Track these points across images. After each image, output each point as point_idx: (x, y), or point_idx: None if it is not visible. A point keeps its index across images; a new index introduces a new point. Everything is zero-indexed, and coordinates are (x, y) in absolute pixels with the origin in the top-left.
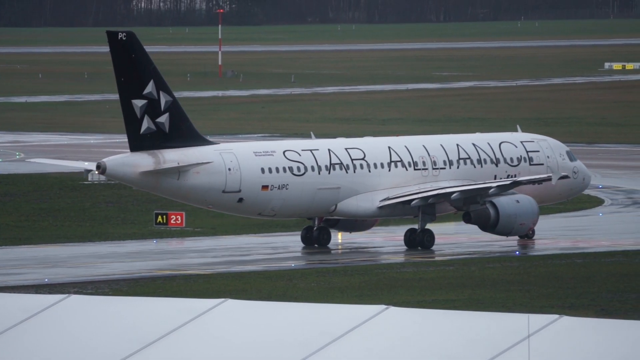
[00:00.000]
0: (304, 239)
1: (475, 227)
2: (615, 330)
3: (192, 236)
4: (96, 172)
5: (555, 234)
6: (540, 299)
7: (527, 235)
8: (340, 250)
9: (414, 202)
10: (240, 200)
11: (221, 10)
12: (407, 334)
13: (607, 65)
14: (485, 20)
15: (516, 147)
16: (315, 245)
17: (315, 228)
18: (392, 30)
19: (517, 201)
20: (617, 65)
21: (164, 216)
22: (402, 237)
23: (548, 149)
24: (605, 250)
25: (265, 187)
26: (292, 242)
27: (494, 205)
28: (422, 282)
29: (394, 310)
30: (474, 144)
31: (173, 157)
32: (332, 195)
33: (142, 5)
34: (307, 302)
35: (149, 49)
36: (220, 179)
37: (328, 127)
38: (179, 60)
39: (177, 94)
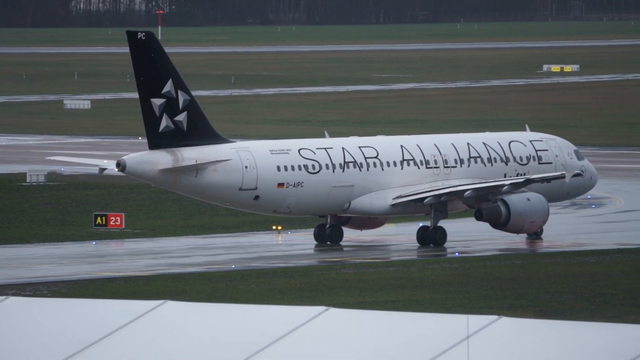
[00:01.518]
0: (316, 237)
1: (411, 228)
2: (553, 331)
3: (132, 238)
4: (116, 170)
5: (494, 236)
6: (479, 300)
7: (535, 233)
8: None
9: (427, 199)
10: (257, 197)
11: (161, 12)
12: (347, 335)
13: (545, 67)
14: (425, 22)
15: (525, 146)
16: (328, 242)
17: (327, 226)
18: (332, 31)
19: (528, 199)
20: (555, 68)
21: (103, 218)
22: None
23: (556, 148)
24: (544, 251)
25: (281, 184)
26: (233, 243)
27: (505, 203)
28: (362, 283)
29: (334, 312)
30: (484, 143)
31: (191, 155)
32: (346, 193)
33: (81, 6)
34: (247, 304)
35: (87, 50)
36: (237, 177)
37: (268, 129)
38: (118, 62)
39: (115, 95)
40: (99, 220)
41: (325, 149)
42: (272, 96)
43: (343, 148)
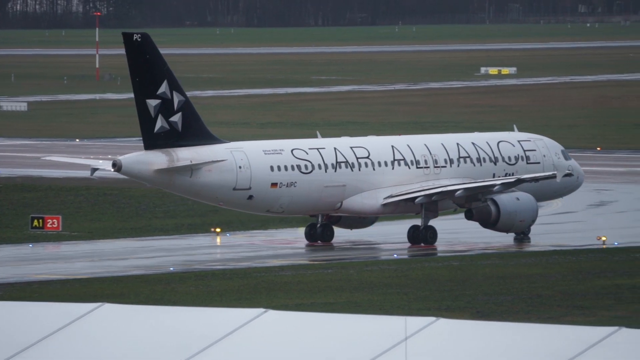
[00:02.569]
0: (307, 236)
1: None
2: (490, 332)
3: (69, 240)
4: (112, 170)
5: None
6: (417, 302)
7: (523, 232)
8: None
9: (418, 199)
10: (250, 197)
11: (98, 13)
12: (286, 337)
13: (483, 69)
14: (364, 24)
15: (514, 146)
16: (319, 241)
17: (318, 225)
18: (271, 34)
19: (517, 199)
20: (492, 70)
21: (40, 220)
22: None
23: (544, 148)
24: (481, 253)
25: (274, 184)
26: (171, 245)
27: (495, 202)
28: (301, 285)
29: (272, 314)
30: (473, 143)
31: (186, 155)
32: (338, 193)
33: (18, 7)
34: (185, 306)
35: (24, 51)
36: (232, 177)
37: None
38: (55, 64)
39: (53, 97)
40: (35, 222)
41: (317, 149)
42: (210, 98)
43: (335, 148)
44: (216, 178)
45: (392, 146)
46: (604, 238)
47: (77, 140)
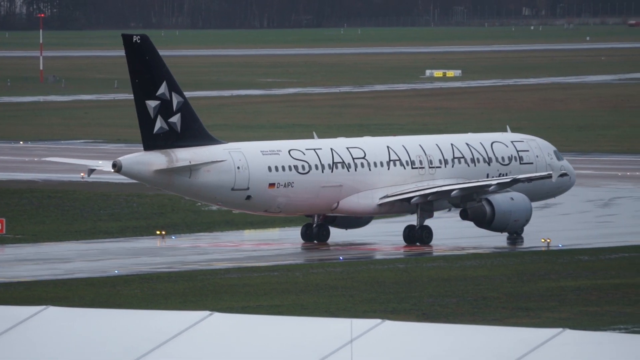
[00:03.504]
0: (303, 236)
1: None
2: (436, 334)
3: (13, 243)
4: (112, 170)
5: (380, 239)
6: (363, 304)
7: (516, 232)
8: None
9: (414, 199)
10: (248, 197)
11: (42, 15)
12: (232, 340)
13: (428, 72)
14: (309, 27)
15: (507, 146)
16: (315, 241)
17: (314, 225)
18: (216, 36)
19: (512, 198)
20: (437, 73)
21: None
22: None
23: (537, 148)
24: (427, 255)
25: (272, 184)
26: (116, 248)
27: (489, 202)
28: (247, 287)
29: (218, 316)
30: (467, 144)
31: (185, 155)
32: (334, 193)
33: None
34: (130, 309)
35: None
36: (230, 177)
37: None
38: None
39: None
40: None
41: (314, 149)
42: None
43: (332, 149)
44: (215, 178)
45: (388, 147)
46: (548, 240)
47: (22, 142)
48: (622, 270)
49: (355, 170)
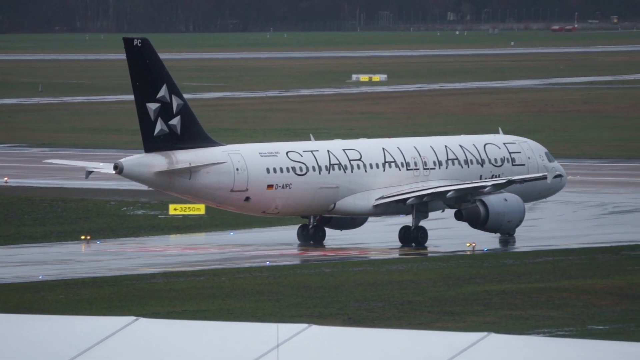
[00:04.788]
0: (299, 236)
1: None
2: (362, 339)
3: None
4: (113, 172)
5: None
6: (289, 309)
7: (508, 233)
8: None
9: (409, 200)
10: (247, 199)
11: None
12: (158, 345)
13: (354, 76)
14: (235, 31)
15: (499, 148)
16: (311, 242)
17: (311, 226)
18: None
19: (505, 199)
20: (363, 77)
21: None
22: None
23: (529, 150)
24: (353, 259)
25: (270, 186)
26: (40, 253)
27: (483, 203)
28: (173, 292)
29: (143, 322)
30: (460, 146)
31: (185, 157)
32: (331, 194)
33: None
34: (55, 315)
35: None
36: (229, 179)
37: (78, 138)
38: None
39: None
40: None
41: (311, 151)
42: (80, 104)
43: (328, 151)
44: (214, 180)
45: (383, 148)
46: (473, 244)
47: None
48: (546, 274)
49: (352, 171)
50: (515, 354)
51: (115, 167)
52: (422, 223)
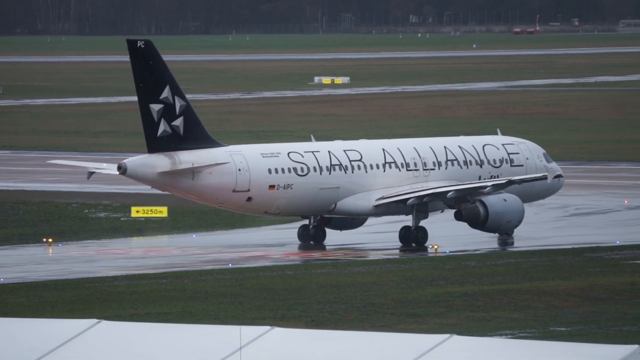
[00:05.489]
0: (300, 237)
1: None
2: (325, 341)
3: None
4: (117, 173)
5: (267, 246)
6: (252, 311)
7: (507, 233)
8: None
9: (410, 200)
10: (249, 199)
11: None
12: (120, 348)
13: (316, 79)
14: (197, 33)
15: (498, 149)
16: (312, 242)
17: (311, 226)
18: (103, 42)
19: (505, 200)
20: (326, 80)
21: None
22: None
23: (527, 151)
24: (316, 261)
25: (272, 186)
26: (2, 256)
27: (483, 203)
28: (135, 295)
29: (105, 324)
30: (460, 147)
31: (188, 158)
32: (332, 195)
33: None
34: (16, 318)
35: None
36: (231, 179)
37: (39, 140)
38: None
39: None
40: None
41: (312, 152)
42: (42, 107)
43: (329, 151)
44: (217, 180)
45: (383, 149)
46: (436, 246)
47: None
48: (508, 275)
49: (352, 172)
50: (477, 356)
51: (119, 168)
52: (421, 223)
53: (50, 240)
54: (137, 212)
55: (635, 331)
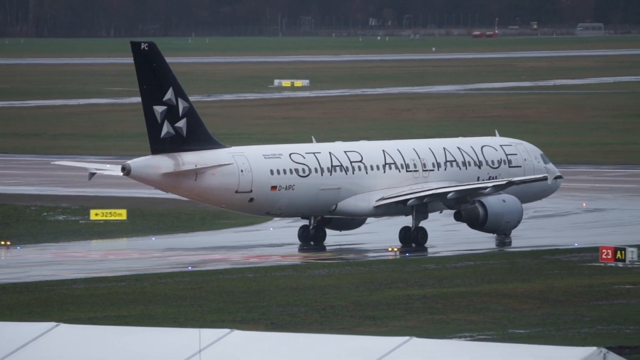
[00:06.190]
0: (300, 237)
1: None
2: (285, 343)
3: None
4: (121, 174)
5: (228, 249)
6: (211, 314)
7: (504, 233)
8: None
9: (410, 201)
10: (251, 200)
11: None
12: (78, 351)
13: (276, 82)
14: (156, 36)
15: (496, 150)
16: (312, 242)
17: (311, 227)
18: (62, 44)
19: (504, 200)
20: (286, 82)
21: None
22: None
23: (525, 152)
24: (275, 264)
25: (274, 187)
26: None
27: (482, 204)
28: (94, 298)
29: (64, 327)
30: (458, 148)
31: (191, 159)
32: (333, 195)
33: None
34: None
35: None
36: (234, 180)
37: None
38: None
39: None
40: None
41: (313, 153)
42: (1, 109)
43: (330, 153)
44: (219, 181)
45: (383, 150)
46: (395, 249)
47: None
48: (467, 278)
49: (353, 173)
50: (436, 358)
51: (123, 169)
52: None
53: (8, 243)
54: (96, 214)
55: (593, 333)
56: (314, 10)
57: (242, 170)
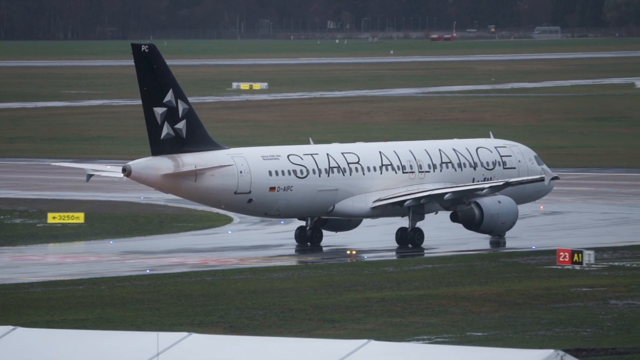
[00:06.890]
0: (297, 238)
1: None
2: (243, 347)
3: None
4: (122, 175)
5: (186, 252)
6: (170, 317)
7: (499, 234)
8: None
9: (407, 202)
10: (250, 201)
11: None
12: (35, 355)
13: (235, 85)
14: (114, 38)
15: (491, 152)
16: (308, 243)
17: (308, 228)
18: (18, 46)
19: (499, 202)
20: (244, 85)
21: None
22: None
23: (519, 153)
24: (234, 267)
25: (272, 188)
26: None
27: (478, 205)
28: (51, 302)
29: (21, 331)
30: (454, 149)
31: (191, 160)
32: (330, 197)
33: None
34: None
35: None
36: (233, 181)
37: None
38: None
39: None
40: None
41: (311, 155)
42: None
43: (328, 154)
44: (219, 182)
45: (380, 152)
46: (354, 252)
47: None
48: (425, 281)
49: (350, 174)
50: None
51: (124, 170)
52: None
53: None
54: (54, 218)
55: (550, 335)
56: (273, 13)
57: (241, 172)
